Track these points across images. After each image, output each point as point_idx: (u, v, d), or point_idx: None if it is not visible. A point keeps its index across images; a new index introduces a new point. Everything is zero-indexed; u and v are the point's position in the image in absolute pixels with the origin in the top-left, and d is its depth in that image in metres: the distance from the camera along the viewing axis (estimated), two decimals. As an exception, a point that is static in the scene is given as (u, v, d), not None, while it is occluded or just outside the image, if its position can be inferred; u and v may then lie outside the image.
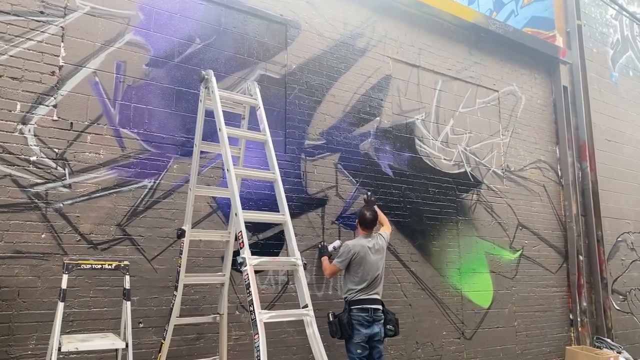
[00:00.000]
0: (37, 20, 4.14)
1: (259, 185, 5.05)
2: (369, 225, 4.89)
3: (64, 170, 4.12)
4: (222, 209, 4.82)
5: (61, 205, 4.08)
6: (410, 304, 6.00)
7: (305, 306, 3.43)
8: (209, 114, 4.15)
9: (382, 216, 5.29)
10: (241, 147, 4.35)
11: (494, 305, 6.80)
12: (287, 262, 3.59)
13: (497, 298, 6.85)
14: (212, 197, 4.75)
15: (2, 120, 3.92)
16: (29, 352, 3.82)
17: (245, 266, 3.30)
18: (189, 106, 4.75)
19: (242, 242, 3.39)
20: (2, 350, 3.72)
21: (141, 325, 4.29)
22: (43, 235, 3.98)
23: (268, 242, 5.05)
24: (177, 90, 4.75)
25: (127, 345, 3.48)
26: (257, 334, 3.11)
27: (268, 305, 4.94)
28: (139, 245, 4.38)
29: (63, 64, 4.23)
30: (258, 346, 3.09)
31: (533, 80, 8.07)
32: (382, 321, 4.74)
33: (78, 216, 4.14)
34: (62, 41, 4.24)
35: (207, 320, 4.43)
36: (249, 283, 3.26)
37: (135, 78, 4.56)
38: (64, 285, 3.42)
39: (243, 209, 3.55)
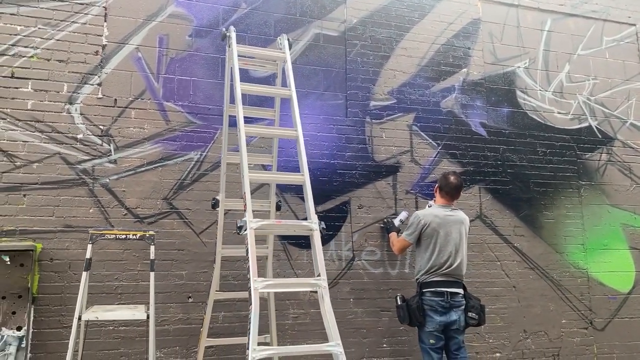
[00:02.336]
0: (80, 4, 4.28)
1: (315, 153, 4.64)
2: (451, 192, 4.10)
3: (109, 146, 4.20)
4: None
5: (107, 180, 4.16)
6: (514, 285, 5.05)
7: (319, 275, 2.95)
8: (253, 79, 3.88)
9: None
10: (276, 109, 3.99)
11: (637, 289, 5.44)
12: (299, 226, 3.12)
13: (641, 281, 5.48)
14: (262, 166, 4.47)
15: (50, 101, 4.11)
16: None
17: (245, 230, 2.95)
18: (235, 74, 4.53)
19: (245, 204, 3.03)
20: (56, 320, 3.89)
21: (190, 300, 4.19)
22: (91, 210, 4.09)
23: (328, 214, 4.61)
24: (222, 59, 4.56)
25: (148, 317, 3.37)
26: (252, 304, 2.73)
27: (330, 283, 4.51)
28: (187, 219, 4.29)
29: (106, 43, 4.31)
30: (250, 319, 2.71)
31: (690, 5, 6.33)
32: (463, 307, 3.96)
33: (124, 191, 4.18)
34: (105, 21, 4.33)
35: (254, 296, 4.15)
36: (247, 249, 2.90)
37: (178, 50, 4.49)
38: (88, 254, 3.43)
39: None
